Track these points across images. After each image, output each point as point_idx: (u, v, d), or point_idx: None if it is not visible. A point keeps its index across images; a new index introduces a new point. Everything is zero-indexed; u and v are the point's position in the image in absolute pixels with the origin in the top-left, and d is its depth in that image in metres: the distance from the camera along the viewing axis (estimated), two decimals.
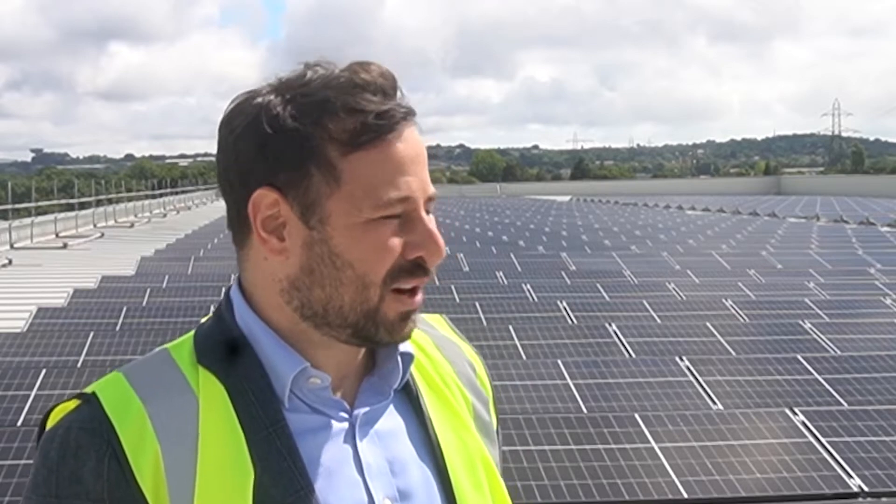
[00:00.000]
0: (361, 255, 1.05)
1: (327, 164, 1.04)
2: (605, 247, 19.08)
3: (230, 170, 1.08)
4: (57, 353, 7.95)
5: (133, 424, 1.02)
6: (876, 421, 5.72)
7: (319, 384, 1.09)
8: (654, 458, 5.26)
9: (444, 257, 1.11)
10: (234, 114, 1.08)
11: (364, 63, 1.07)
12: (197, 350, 1.10)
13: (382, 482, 1.08)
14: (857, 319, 9.61)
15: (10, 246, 20.43)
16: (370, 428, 1.11)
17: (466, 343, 1.28)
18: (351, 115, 1.04)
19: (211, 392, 1.06)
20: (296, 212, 1.06)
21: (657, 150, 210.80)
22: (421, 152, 1.08)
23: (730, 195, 55.04)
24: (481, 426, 1.19)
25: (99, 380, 1.09)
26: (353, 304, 1.06)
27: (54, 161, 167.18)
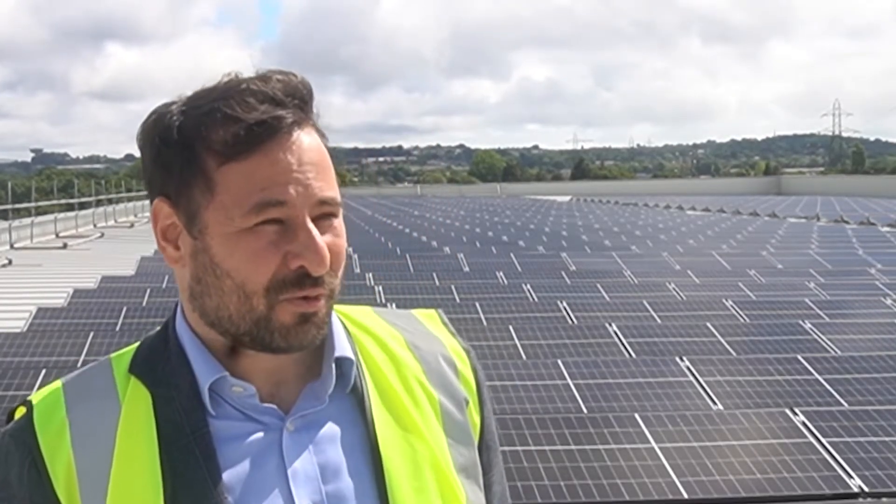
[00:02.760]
0: (237, 264, 1.05)
1: (203, 174, 1.06)
2: (606, 247, 19.08)
3: (144, 181, 1.14)
4: (57, 354, 7.94)
5: (53, 433, 1.08)
6: (876, 421, 5.72)
7: (243, 392, 1.09)
8: (654, 459, 5.25)
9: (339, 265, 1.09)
10: (142, 126, 1.12)
11: (273, 71, 1.09)
12: (132, 360, 1.13)
13: (309, 488, 1.07)
14: (857, 320, 9.60)
15: (10, 246, 20.44)
16: (305, 434, 1.10)
17: (455, 339, 1.26)
18: (229, 125, 1.05)
19: (135, 400, 1.09)
20: (182, 221, 1.09)
21: (657, 150, 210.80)
22: (310, 160, 1.06)
23: (730, 195, 55.04)
24: (451, 427, 1.17)
25: (43, 387, 1.16)
26: (240, 312, 1.06)
27: (54, 161, 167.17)
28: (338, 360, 1.13)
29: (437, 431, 1.15)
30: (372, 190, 77.33)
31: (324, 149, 1.10)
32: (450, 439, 1.16)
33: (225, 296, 1.06)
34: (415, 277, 13.00)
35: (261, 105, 1.05)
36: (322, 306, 1.08)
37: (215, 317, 1.08)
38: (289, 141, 1.06)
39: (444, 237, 21.83)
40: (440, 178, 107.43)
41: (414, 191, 74.08)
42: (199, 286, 1.09)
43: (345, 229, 1.12)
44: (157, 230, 1.12)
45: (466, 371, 1.23)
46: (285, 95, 1.06)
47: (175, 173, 1.08)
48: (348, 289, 10.54)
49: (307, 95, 1.09)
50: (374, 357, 1.17)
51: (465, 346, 1.26)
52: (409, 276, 13.10)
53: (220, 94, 1.06)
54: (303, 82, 1.09)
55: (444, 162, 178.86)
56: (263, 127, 1.04)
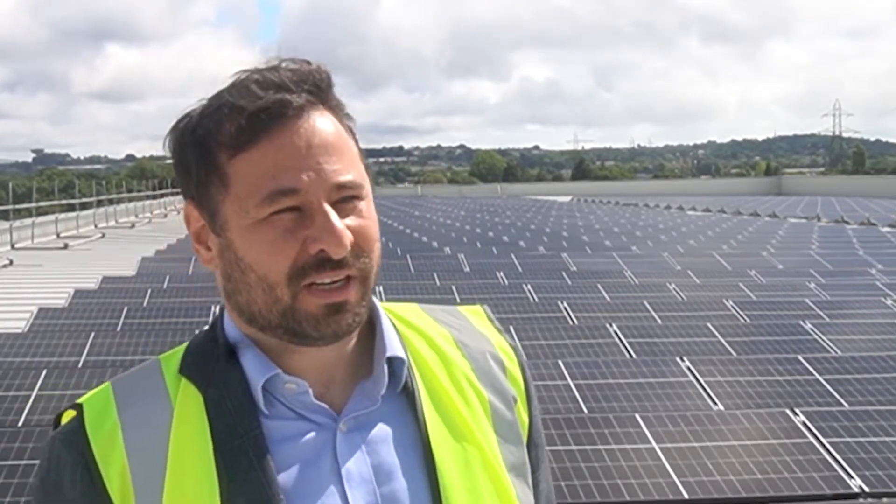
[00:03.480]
0: (256, 256, 1.04)
1: (217, 170, 1.06)
2: (606, 247, 19.08)
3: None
4: (58, 354, 7.95)
5: (105, 436, 1.06)
6: (876, 421, 5.72)
7: (296, 390, 1.08)
8: (654, 459, 5.26)
9: (370, 247, 1.07)
10: (168, 133, 1.11)
11: (285, 59, 1.07)
12: (182, 361, 1.12)
13: (363, 490, 1.06)
14: (857, 320, 9.60)
15: (11, 246, 20.45)
16: (358, 434, 1.09)
17: (502, 337, 1.24)
18: (234, 116, 1.04)
19: (187, 402, 1.07)
20: (206, 221, 1.09)
21: (658, 150, 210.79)
22: (323, 143, 1.05)
23: (730, 196, 55.04)
24: (500, 425, 1.15)
25: (93, 389, 1.13)
26: (267, 305, 1.05)
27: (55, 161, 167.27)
28: (389, 359, 1.11)
29: (487, 430, 1.14)
30: (373, 190, 76.98)
31: (342, 131, 1.08)
32: (500, 438, 1.15)
33: (252, 290, 1.05)
34: (415, 278, 13.00)
35: (265, 92, 1.03)
36: (352, 292, 1.06)
37: (248, 312, 1.07)
38: (297, 125, 1.04)
39: (444, 238, 21.82)
40: (441, 178, 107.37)
41: (414, 191, 74.06)
42: (229, 283, 1.08)
43: (373, 210, 1.10)
44: (190, 234, 1.12)
45: (514, 369, 1.21)
46: (294, 82, 1.05)
47: (194, 173, 1.07)
48: None
49: (321, 81, 1.07)
50: (424, 356, 1.16)
51: (512, 343, 1.24)
52: (409, 277, 13.10)
53: (229, 89, 1.06)
54: (317, 69, 1.07)
55: (444, 162, 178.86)
56: (267, 113, 1.03)
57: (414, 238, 21.90)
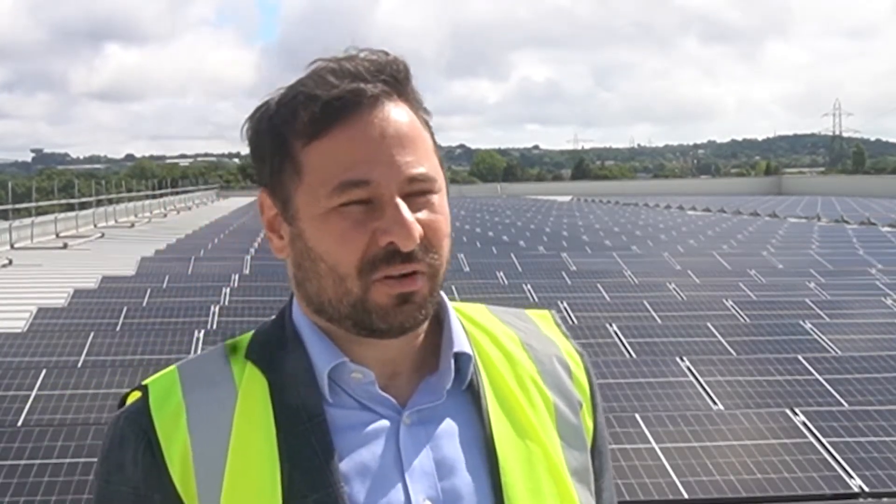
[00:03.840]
0: (327, 246, 1.04)
1: (291, 158, 1.06)
2: (606, 247, 19.08)
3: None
4: (57, 354, 7.94)
5: (169, 416, 1.07)
6: (876, 421, 5.72)
7: (362, 379, 1.08)
8: (654, 458, 5.25)
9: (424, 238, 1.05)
10: (247, 121, 1.12)
11: (363, 49, 1.07)
12: (249, 346, 1.12)
13: (425, 483, 1.05)
14: (857, 319, 9.60)
15: (10, 246, 20.45)
16: (421, 428, 1.08)
17: (569, 342, 1.23)
18: (308, 105, 1.04)
19: (252, 386, 1.08)
20: (279, 209, 1.09)
21: (658, 150, 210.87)
22: (397, 133, 1.04)
23: (730, 195, 55.05)
24: (565, 429, 1.14)
25: (160, 371, 1.15)
26: (337, 296, 1.05)
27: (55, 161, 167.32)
28: (455, 355, 1.11)
29: (551, 433, 1.13)
30: None
31: (417, 124, 1.07)
32: (563, 442, 1.13)
33: (322, 279, 1.05)
34: None
35: (340, 82, 1.03)
36: (421, 286, 1.05)
37: (318, 302, 1.07)
38: (371, 115, 1.03)
39: None
40: None
41: None
42: (300, 272, 1.08)
43: (446, 205, 1.09)
44: (264, 222, 1.12)
45: (580, 374, 1.20)
46: (370, 71, 1.05)
47: (268, 161, 1.08)
48: None
49: (398, 72, 1.07)
50: (490, 354, 1.15)
51: (578, 348, 1.24)
52: None
53: (305, 78, 1.06)
54: (394, 60, 1.07)
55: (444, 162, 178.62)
56: (341, 102, 1.03)
57: None
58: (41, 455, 5.00)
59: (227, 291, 11.57)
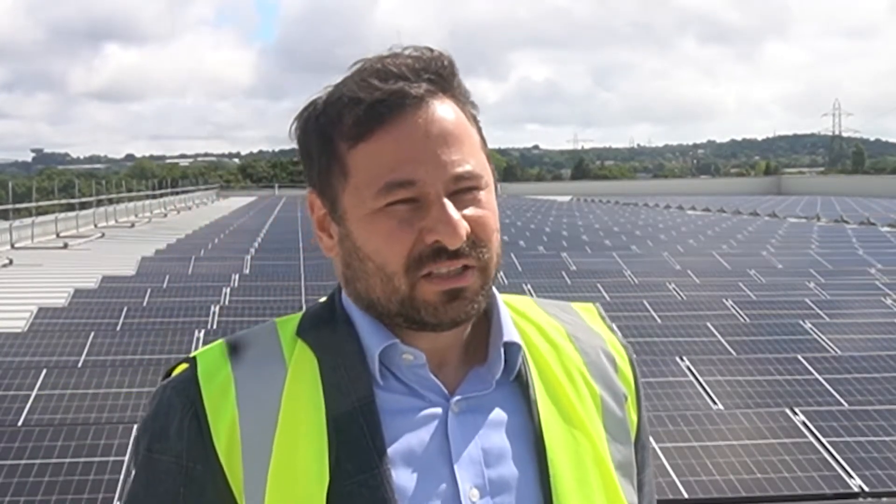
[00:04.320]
0: (375, 246, 1.05)
1: (338, 159, 1.07)
2: (606, 247, 19.08)
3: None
4: (57, 353, 7.95)
5: (217, 388, 1.07)
6: (876, 421, 5.72)
7: (413, 360, 1.08)
8: (654, 458, 5.25)
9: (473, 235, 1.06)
10: (295, 120, 1.12)
11: (408, 47, 1.08)
12: (300, 325, 1.13)
13: (472, 472, 1.06)
14: (857, 319, 9.61)
15: (10, 246, 20.45)
16: (470, 416, 1.08)
17: (614, 335, 1.24)
18: (353, 107, 1.05)
19: (302, 364, 1.08)
20: (328, 209, 1.11)
21: (657, 150, 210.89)
22: (442, 132, 1.04)
23: (730, 195, 55.06)
24: (610, 422, 1.15)
25: (209, 344, 1.15)
26: (386, 294, 1.06)
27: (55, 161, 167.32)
28: (505, 345, 1.11)
29: (597, 425, 1.13)
30: None
31: (464, 121, 1.08)
32: (609, 435, 1.14)
33: (370, 278, 1.07)
34: None
35: (383, 83, 1.04)
36: (471, 280, 1.05)
37: (367, 299, 1.08)
38: (416, 115, 1.04)
39: None
40: None
41: None
42: (349, 271, 1.09)
43: (494, 200, 1.09)
44: (313, 221, 1.13)
45: (625, 367, 1.21)
46: (414, 70, 1.05)
47: (316, 162, 1.09)
48: None
49: (443, 69, 1.07)
50: (538, 346, 1.15)
51: (623, 341, 1.24)
52: None
53: (349, 79, 1.07)
54: (439, 56, 1.07)
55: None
56: (384, 104, 1.03)
57: None
58: (41, 455, 5.00)
59: (227, 291, 11.58)
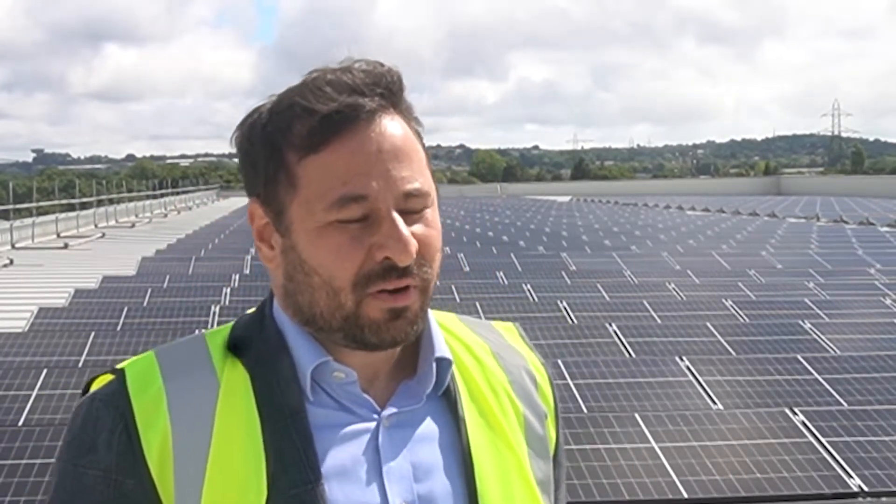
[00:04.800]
0: (322, 260, 1.04)
1: (286, 170, 1.05)
2: (606, 247, 19.09)
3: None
4: (58, 353, 7.96)
5: (149, 401, 1.05)
6: (876, 421, 5.73)
7: (345, 378, 1.08)
8: (654, 458, 5.27)
9: (431, 254, 1.07)
10: (236, 129, 1.12)
11: (358, 60, 1.07)
12: (230, 337, 1.12)
13: (402, 486, 1.06)
14: (857, 319, 9.61)
15: (11, 246, 20.45)
16: (399, 431, 1.09)
17: (533, 353, 1.25)
18: (306, 118, 1.04)
19: (234, 378, 1.07)
20: (271, 220, 1.09)
21: (657, 150, 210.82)
22: (393, 148, 1.04)
23: (730, 195, 55.07)
24: (532, 439, 1.17)
25: (134, 356, 1.13)
26: (330, 309, 1.05)
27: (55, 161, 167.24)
28: (436, 360, 1.11)
29: (521, 442, 1.15)
30: None
31: (412, 137, 1.08)
32: (531, 452, 1.15)
33: (315, 292, 1.06)
34: None
35: (338, 95, 1.03)
36: (413, 300, 1.06)
37: (309, 314, 1.07)
38: (368, 130, 1.04)
39: (444, 237, 21.72)
40: (440, 178, 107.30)
41: None
42: (291, 284, 1.08)
43: (438, 219, 1.10)
44: (253, 231, 1.12)
45: (545, 386, 1.23)
46: (367, 84, 1.05)
47: (261, 171, 1.08)
48: None
49: (393, 84, 1.07)
50: (465, 362, 1.16)
51: (542, 360, 1.26)
52: None
53: (301, 89, 1.06)
54: (389, 71, 1.07)
55: (444, 162, 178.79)
56: (340, 117, 1.03)
57: None
58: (42, 455, 5.01)
59: (227, 291, 11.59)
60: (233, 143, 1.11)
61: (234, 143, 1.11)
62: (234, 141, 1.11)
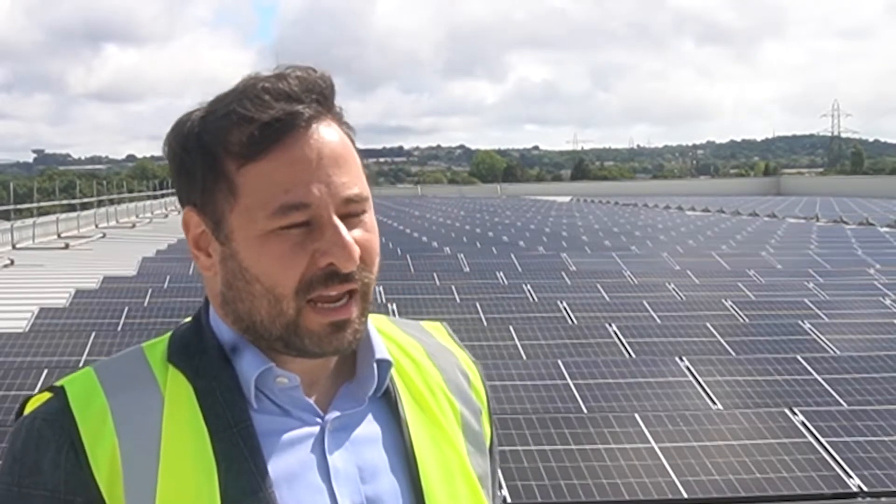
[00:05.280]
0: (265, 268, 1.04)
1: (225, 178, 1.05)
2: (606, 247, 19.09)
3: (175, 191, 1.14)
4: (59, 354, 7.97)
5: (94, 418, 1.04)
6: (875, 421, 5.74)
7: (287, 384, 1.09)
8: (653, 458, 5.28)
9: (371, 260, 1.08)
10: (166, 137, 1.11)
11: (291, 67, 1.07)
12: (169, 349, 1.11)
13: (350, 489, 1.07)
14: (856, 320, 9.62)
15: (11, 246, 20.46)
16: (343, 434, 1.10)
17: (464, 352, 1.27)
18: (244, 126, 1.04)
19: (177, 390, 1.07)
20: (210, 228, 1.09)
21: (657, 150, 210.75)
22: (332, 154, 1.05)
23: (729, 196, 55.05)
24: (470, 436, 1.18)
25: (71, 374, 1.12)
26: (271, 317, 1.06)
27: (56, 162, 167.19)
28: (377, 361, 1.12)
29: (461, 439, 1.17)
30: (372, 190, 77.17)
31: (348, 143, 1.09)
32: (470, 447, 1.17)
33: (256, 300, 1.06)
34: (415, 278, 13.02)
35: (276, 103, 1.03)
36: (353, 310, 1.07)
37: (249, 322, 1.08)
38: (307, 137, 1.04)
39: (444, 237, 21.84)
40: (441, 178, 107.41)
41: (414, 191, 74.07)
42: (230, 292, 1.08)
43: (375, 223, 1.11)
44: (189, 239, 1.11)
45: (478, 383, 1.24)
46: (302, 91, 1.05)
47: (199, 180, 1.07)
48: None
49: (327, 90, 1.08)
50: (401, 362, 1.17)
51: (472, 358, 1.28)
52: (409, 277, 13.12)
53: (237, 96, 1.06)
54: (322, 77, 1.08)
55: (444, 163, 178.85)
56: (279, 124, 1.03)
57: (414, 238, 21.92)
58: None
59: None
60: (163, 150, 1.11)
61: (165, 151, 1.10)
62: (165, 149, 1.10)
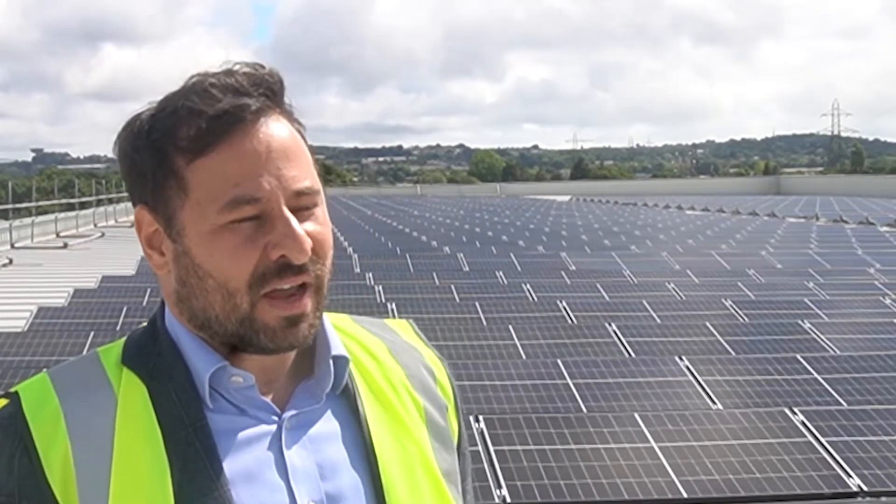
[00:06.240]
0: (217, 263, 1.04)
1: (175, 174, 1.05)
2: (605, 247, 19.09)
3: (126, 191, 1.14)
4: (57, 353, 7.96)
5: (46, 421, 1.04)
6: (875, 421, 5.74)
7: (242, 383, 1.08)
8: (653, 458, 5.27)
9: (326, 251, 1.08)
10: (118, 136, 1.11)
11: (239, 63, 1.07)
12: (124, 352, 1.11)
13: (309, 486, 1.07)
14: (856, 319, 9.62)
15: (10, 246, 20.47)
16: (301, 431, 1.10)
17: (429, 349, 1.27)
18: (192, 120, 1.04)
19: (131, 392, 1.07)
20: (162, 226, 1.08)
21: (657, 150, 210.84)
22: (281, 147, 1.05)
23: (729, 195, 55.04)
24: (435, 432, 1.18)
25: (27, 379, 1.12)
26: (225, 312, 1.05)
27: (55, 161, 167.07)
28: (333, 358, 1.12)
29: (424, 435, 1.16)
30: (372, 190, 77.48)
31: (297, 136, 1.08)
32: (435, 444, 1.17)
33: (209, 296, 1.06)
34: (415, 277, 13.02)
35: (223, 96, 1.03)
36: (307, 304, 1.07)
37: (203, 318, 1.07)
38: (255, 130, 1.04)
39: (444, 237, 21.83)
40: (440, 177, 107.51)
41: (414, 191, 74.11)
42: (184, 289, 1.08)
43: (328, 216, 1.10)
44: (141, 239, 1.11)
45: (444, 379, 1.24)
46: (250, 85, 1.05)
47: (149, 178, 1.07)
48: (348, 288, 10.48)
49: (275, 85, 1.08)
50: (361, 359, 1.17)
51: (438, 354, 1.27)
52: (409, 276, 13.12)
53: (185, 93, 1.06)
54: (270, 73, 1.08)
55: (443, 162, 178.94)
56: (226, 117, 1.03)
57: (413, 237, 21.92)
58: None
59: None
60: (114, 151, 1.11)
61: (115, 151, 1.10)
62: (115, 149, 1.10)
